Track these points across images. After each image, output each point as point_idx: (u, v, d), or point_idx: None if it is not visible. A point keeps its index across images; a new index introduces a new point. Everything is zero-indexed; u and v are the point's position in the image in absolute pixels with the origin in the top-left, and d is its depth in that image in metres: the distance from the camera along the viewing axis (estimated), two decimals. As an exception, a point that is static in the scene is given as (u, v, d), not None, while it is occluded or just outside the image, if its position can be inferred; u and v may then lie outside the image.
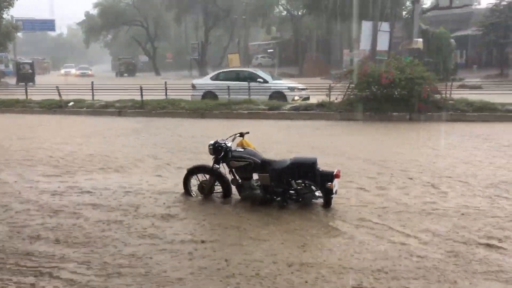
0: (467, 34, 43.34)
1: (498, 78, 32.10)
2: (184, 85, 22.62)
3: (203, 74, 51.03)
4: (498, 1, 35.76)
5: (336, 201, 6.60)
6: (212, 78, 21.06)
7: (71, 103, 19.79)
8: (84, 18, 66.96)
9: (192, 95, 20.29)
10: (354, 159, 9.52)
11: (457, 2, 42.65)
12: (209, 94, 19.95)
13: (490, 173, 8.22)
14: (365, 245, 5.24)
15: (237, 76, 20.61)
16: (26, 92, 22.14)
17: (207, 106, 17.59)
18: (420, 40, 35.22)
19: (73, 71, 58.04)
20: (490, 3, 37.51)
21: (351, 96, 16.28)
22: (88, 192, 7.43)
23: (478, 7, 55.15)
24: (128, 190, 7.49)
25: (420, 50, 35.09)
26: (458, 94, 17.06)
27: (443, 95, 16.06)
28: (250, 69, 23.26)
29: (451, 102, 15.82)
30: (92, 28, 62.33)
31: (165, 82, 20.42)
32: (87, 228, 5.87)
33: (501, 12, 35.13)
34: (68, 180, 8.19)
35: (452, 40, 34.83)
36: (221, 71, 22.36)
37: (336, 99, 16.67)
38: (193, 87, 20.98)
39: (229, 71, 22.20)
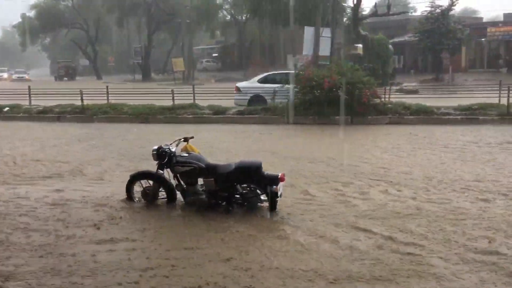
0: (404, 40, 45.09)
1: (433, 83, 33.58)
2: (127, 89, 22.17)
3: (146, 78, 50.19)
4: (433, 9, 37.41)
5: (281, 204, 6.65)
6: (260, 81, 19.53)
7: (6, 109, 18.91)
8: (20, 20, 64.14)
9: (237, 99, 18.60)
10: (299, 160, 9.64)
11: (394, 10, 44.34)
12: (257, 98, 18.39)
13: (428, 171, 8.58)
14: (306, 247, 5.30)
15: (288, 78, 18.72)
16: (-44, 96, 20.93)
17: (151, 111, 17.31)
18: (360, 46, 36.26)
19: (5, 75, 55.00)
20: (425, 11, 39.17)
21: (295, 100, 16.50)
22: (25, 198, 7.10)
23: (414, 14, 57.61)
24: (68, 198, 7.22)
25: (360, 56, 36.10)
26: (396, 98, 17.73)
27: (382, 99, 16.60)
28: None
29: (390, 105, 16.39)
30: (29, 30, 59.77)
31: (107, 86, 19.92)
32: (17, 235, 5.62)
33: (435, 19, 36.75)
34: (7, 188, 7.80)
35: (390, 46, 36.08)
36: (269, 73, 20.49)
37: (280, 103, 16.86)
38: (238, 90, 19.18)
39: (278, 73, 20.30)
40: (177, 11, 51.88)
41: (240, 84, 20.27)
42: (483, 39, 43.21)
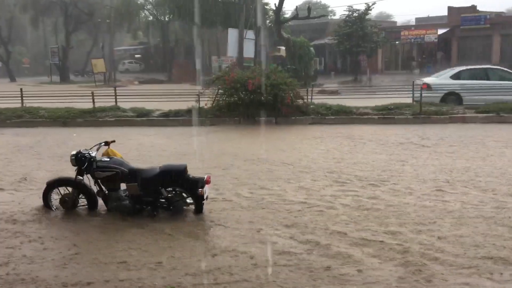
0: (324, 43, 46.59)
1: (353, 84, 34.96)
2: (44, 91, 21.05)
3: (64, 80, 48.06)
4: (350, 13, 38.93)
5: (208, 206, 6.59)
6: (453, 77, 18.35)
7: None
8: None
9: (427, 96, 16.78)
10: (223, 161, 9.62)
11: (314, 13, 45.65)
12: (451, 95, 17.50)
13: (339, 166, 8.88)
14: (233, 252, 5.29)
15: (485, 75, 18.18)
16: None
17: (69, 114, 16.55)
18: (283, 48, 37.00)
19: None
20: (343, 15, 40.69)
21: (220, 102, 16.49)
22: None
23: (333, 18, 59.71)
24: (-22, 209, 6.71)
25: (283, 58, 36.84)
26: (318, 99, 18.22)
27: (305, 100, 16.99)
28: (499, 68, 20.09)
29: (312, 106, 16.81)
30: None
31: (21, 89, 18.77)
32: None
33: (353, 23, 38.29)
34: None
35: (312, 48, 37.12)
36: (463, 68, 19.16)
37: (205, 105, 16.76)
38: (428, 87, 17.71)
39: (474, 69, 19.11)
40: (97, 11, 50.12)
41: (430, 81, 18.83)
42: (397, 42, 45.70)
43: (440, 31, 42.64)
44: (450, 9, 44.18)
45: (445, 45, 43.84)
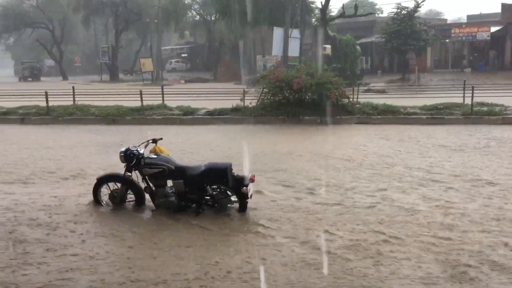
0: (371, 41, 45.79)
1: (400, 83, 34.19)
2: (94, 90, 21.73)
3: (114, 78, 49.40)
4: (399, 10, 38.10)
5: (252, 205, 6.64)
6: None
7: (-38, 110, 18.23)
8: (-18, 19, 62.27)
9: None
10: (270, 159, 9.64)
11: (361, 11, 45.01)
12: None
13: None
14: (277, 249, 5.31)
15: None
16: None
17: (118, 112, 17.02)
18: (329, 46, 36.63)
19: None
20: (391, 12, 39.86)
21: (265, 101, 16.54)
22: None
23: (380, 15, 58.58)
24: (34, 201, 7.02)
25: (328, 56, 36.48)
26: (364, 98, 17.95)
27: (351, 99, 16.79)
28: None
29: (358, 105, 16.60)
30: (-9, 30, 58.05)
31: (73, 87, 19.47)
32: None
33: (401, 21, 37.43)
34: None
35: (358, 47, 36.58)
36: None
37: (250, 103, 16.85)
38: None
39: None
40: (145, 11, 51.25)
41: None
42: (447, 40, 44.31)
43: (493, 29, 41.00)
44: (504, 6, 42.38)
45: (498, 43, 42.16)
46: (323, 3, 34.39)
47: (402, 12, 37.91)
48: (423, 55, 41.74)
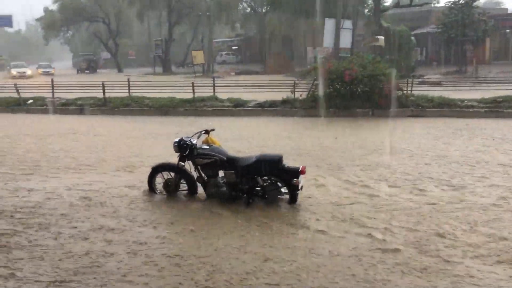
0: (427, 31, 44.39)
1: (457, 75, 33.00)
2: (148, 82, 22.28)
3: (166, 71, 50.41)
4: (456, 0, 36.73)
5: (302, 197, 6.65)
6: None
7: (29, 101, 19.18)
8: (43, 13, 64.97)
9: None
10: (324, 154, 9.61)
11: (416, 1, 43.66)
12: None
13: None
14: (328, 240, 5.29)
15: None
16: (-19, 89, 21.34)
17: (171, 103, 17.40)
18: (382, 37, 35.84)
19: (28, 71, 45.46)
20: (448, 2, 38.43)
21: (315, 93, 16.43)
22: (49, 192, 7.25)
23: (437, 5, 56.63)
24: (93, 188, 7.33)
25: (381, 48, 35.70)
26: (418, 91, 17.47)
27: (404, 92, 16.40)
28: None
29: (412, 98, 16.18)
30: (52, 24, 60.44)
31: (128, 79, 20.07)
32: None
33: (459, 11, 36.08)
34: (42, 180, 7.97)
35: (413, 38, 35.59)
36: None
37: (300, 95, 16.79)
38: None
39: None
40: (197, 4, 51.88)
41: None
42: (507, 31, 42.29)
43: (559, 18, 38.80)
44: None
45: None
46: (376, -7, 33.64)
47: (460, 2, 36.53)
48: (481, 46, 40.05)
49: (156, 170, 7.11)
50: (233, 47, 66.66)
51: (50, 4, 61.59)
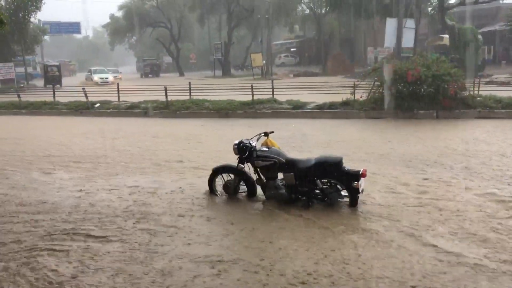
0: (495, 29, 42.42)
1: (528, 74, 31.29)
2: (208, 85, 22.64)
3: (226, 74, 51.13)
4: (527, -5, 34.90)
5: (363, 200, 6.53)
6: None
7: (97, 105, 20.08)
8: (109, 20, 67.87)
9: None
10: (384, 156, 9.40)
11: (484, -3, 41.74)
12: None
13: None
14: (389, 246, 5.17)
15: None
16: (54, 94, 22.55)
17: (231, 106, 17.62)
18: (447, 36, 34.63)
19: (111, 77, 43.70)
20: (518, -3, 36.59)
21: (376, 94, 16.09)
22: (112, 190, 7.55)
23: (505, 2, 53.91)
24: (156, 190, 7.56)
25: (446, 47, 34.50)
26: (486, 91, 16.67)
27: (471, 92, 15.74)
28: None
29: (479, 99, 15.49)
30: (117, 30, 63.01)
31: (189, 83, 20.54)
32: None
33: (530, 6, 34.27)
34: (115, 180, 8.34)
35: (479, 36, 34.13)
36: None
37: (361, 97, 16.50)
38: None
39: None
40: (257, 7, 52.27)
41: None
42: None
43: None
44: None
45: None
46: (441, -9, 32.53)
47: (532, -3, 34.61)
48: (555, 44, 37.78)
49: (217, 171, 7.22)
50: (292, 49, 66.60)
51: (116, 11, 64.28)
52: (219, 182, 7.20)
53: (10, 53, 39.36)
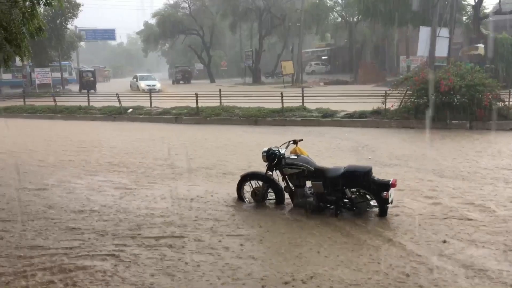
0: (533, 39, 41.26)
1: None
2: (238, 92, 22.71)
3: (256, 81, 51.31)
4: None
5: (392, 211, 6.45)
6: None
7: (129, 110, 20.44)
8: (143, 27, 69.10)
9: None
10: (416, 167, 9.26)
11: (521, 6, 40.71)
12: None
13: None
14: (418, 258, 5.08)
15: None
16: (88, 99, 23.08)
17: (260, 113, 17.66)
18: (482, 46, 33.93)
19: (158, 84, 40.87)
20: (558, 6, 35.54)
21: (408, 104, 15.86)
22: (146, 197, 7.67)
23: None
24: (184, 197, 7.65)
25: (481, 56, 33.78)
26: (522, 102, 16.22)
27: (506, 103, 15.35)
28: None
29: (514, 110, 15.11)
30: (151, 37, 64.11)
31: (220, 89, 20.70)
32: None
33: None
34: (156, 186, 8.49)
35: (516, 46, 33.26)
36: None
37: (392, 106, 16.30)
38: None
39: None
40: (288, 15, 52.39)
41: None
42: None
43: None
44: None
45: None
46: (476, 0, 31.94)
47: None
48: None
49: (245, 178, 7.26)
50: (323, 57, 66.39)
51: (150, 19, 65.41)
52: (248, 189, 7.22)
53: (47, 58, 40.38)
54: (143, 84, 40.18)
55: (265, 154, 6.94)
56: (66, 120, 20.50)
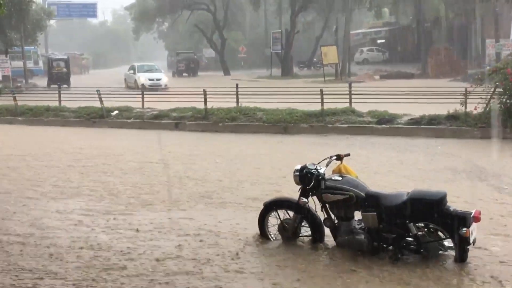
0: None
1: None
2: (262, 88, 22.75)
3: (286, 73, 51.28)
4: None
5: (475, 254, 6.35)
6: None
7: (115, 112, 20.47)
8: (134, 0, 69.82)
9: None
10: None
11: None
12: None
13: None
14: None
15: None
16: (60, 97, 23.32)
17: (292, 117, 17.66)
18: None
19: (164, 78, 40.44)
20: None
21: (498, 105, 15.68)
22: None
23: None
24: (189, 232, 7.68)
25: None
26: None
27: None
28: None
29: None
30: (144, 13, 64.35)
31: (237, 85, 20.72)
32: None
33: None
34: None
35: None
36: None
37: (475, 109, 16.13)
38: None
39: None
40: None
41: None
42: None
43: None
44: None
45: None
46: None
47: None
48: None
49: (270, 207, 7.23)
50: (379, 41, 66.31)
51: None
52: (274, 221, 7.19)
53: (5, 42, 40.45)
54: (143, 78, 38.60)
55: (297, 174, 6.90)
56: (29, 125, 20.73)
